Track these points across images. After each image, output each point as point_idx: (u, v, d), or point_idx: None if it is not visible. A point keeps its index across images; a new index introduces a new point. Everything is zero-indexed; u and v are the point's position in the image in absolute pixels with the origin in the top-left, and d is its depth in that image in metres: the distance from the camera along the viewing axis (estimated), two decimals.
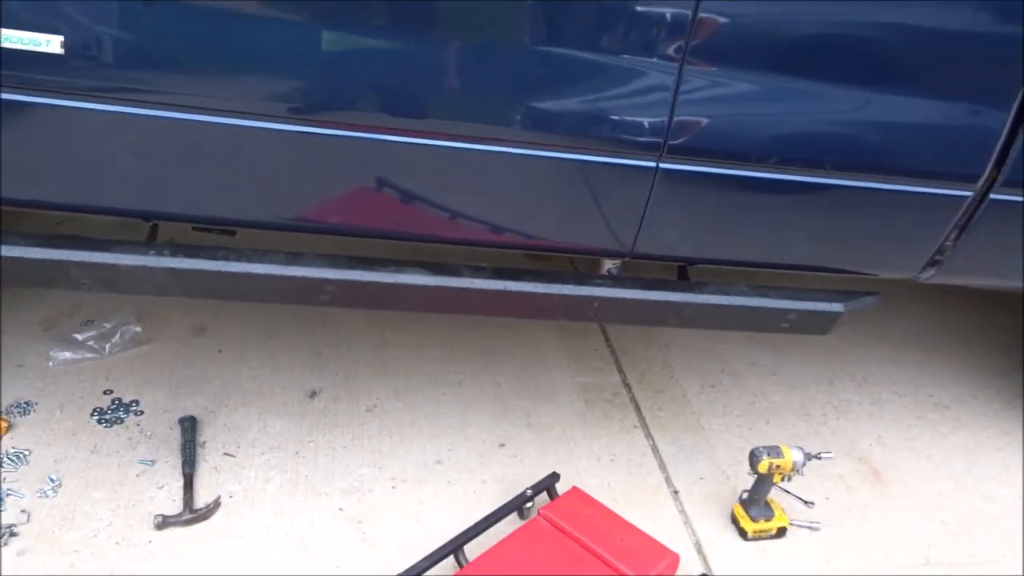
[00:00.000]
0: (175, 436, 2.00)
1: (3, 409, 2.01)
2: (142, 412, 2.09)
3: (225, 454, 1.99)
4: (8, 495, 1.79)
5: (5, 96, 1.35)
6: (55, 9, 1.30)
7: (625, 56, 1.47)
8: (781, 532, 1.94)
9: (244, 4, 1.36)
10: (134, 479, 1.88)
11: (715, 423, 2.34)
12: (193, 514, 1.78)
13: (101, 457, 1.93)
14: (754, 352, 2.72)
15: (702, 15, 1.43)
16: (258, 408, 2.15)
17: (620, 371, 2.53)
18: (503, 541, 1.74)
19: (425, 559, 1.67)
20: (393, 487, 1.97)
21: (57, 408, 2.06)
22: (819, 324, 1.81)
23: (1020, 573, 1.95)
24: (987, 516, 2.12)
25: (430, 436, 2.14)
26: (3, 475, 1.84)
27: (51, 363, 2.20)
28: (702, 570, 1.82)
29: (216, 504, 1.82)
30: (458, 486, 1.99)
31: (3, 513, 1.74)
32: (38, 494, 1.81)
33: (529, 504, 1.88)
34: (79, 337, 2.28)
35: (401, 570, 1.65)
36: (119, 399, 2.11)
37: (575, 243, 1.70)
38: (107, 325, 2.32)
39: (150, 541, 1.72)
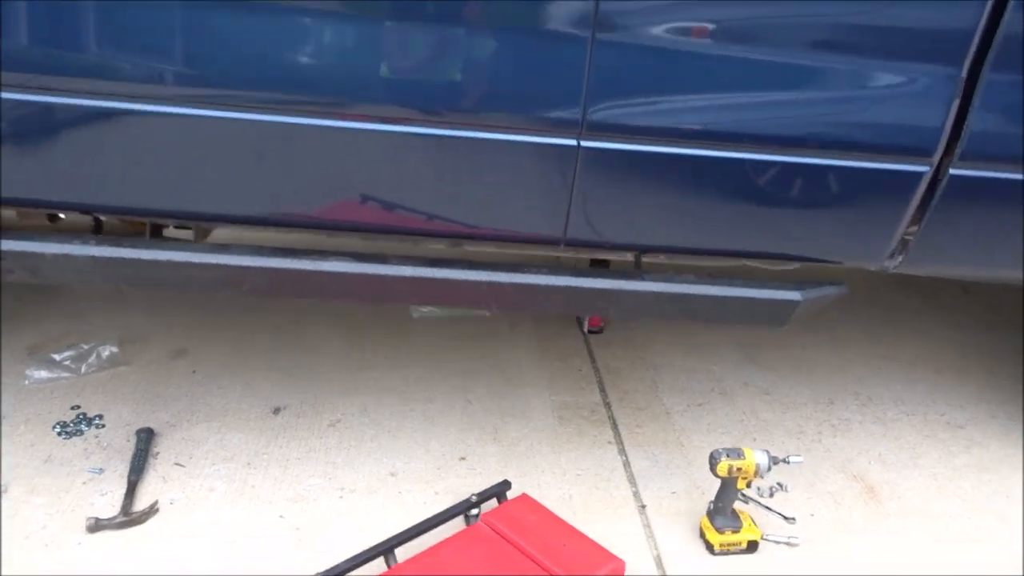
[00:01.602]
0: (131, 448, 1.99)
1: None
2: (104, 425, 2.09)
3: (176, 464, 1.97)
4: None
5: None
6: None
7: (536, 27, 1.45)
8: (752, 547, 1.79)
9: None
10: (80, 486, 1.87)
11: (697, 440, 2.21)
12: (127, 517, 1.75)
13: (52, 466, 1.93)
14: (750, 372, 2.58)
15: None
16: (219, 423, 2.13)
17: (602, 390, 2.43)
18: (437, 545, 1.65)
19: (349, 559, 1.59)
20: (341, 497, 1.90)
21: (22, 422, 2.08)
22: (775, 313, 1.70)
23: None
24: (998, 537, 1.91)
25: (389, 449, 2.08)
26: None
27: (27, 381, 2.24)
28: None
29: (153, 509, 1.79)
30: (409, 497, 1.91)
31: None
32: None
33: (475, 511, 1.79)
34: (56, 357, 2.32)
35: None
36: (84, 414, 2.12)
37: (505, 230, 1.65)
38: (85, 346, 2.36)
39: (79, 543, 1.69)
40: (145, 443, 1.98)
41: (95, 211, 1.67)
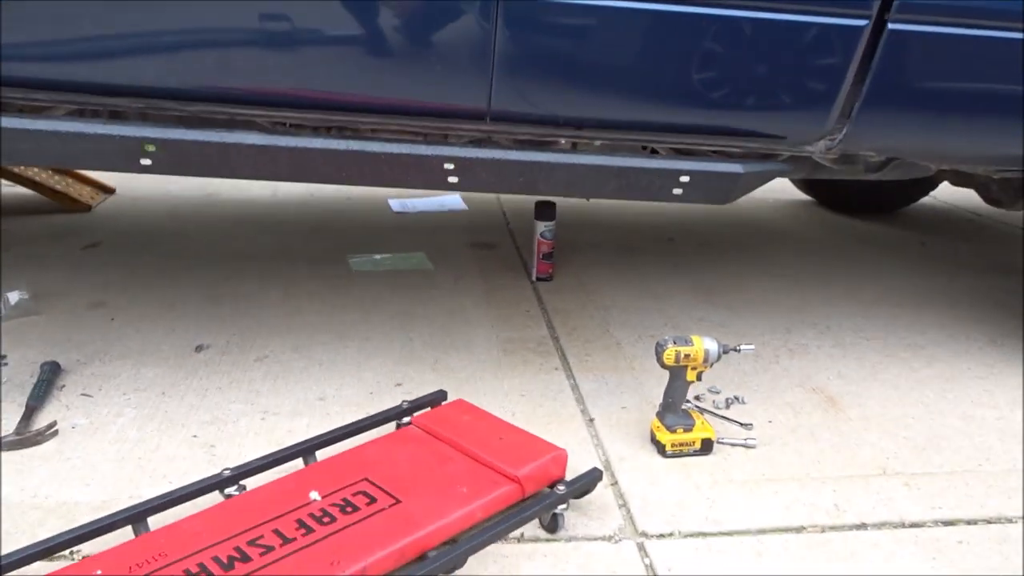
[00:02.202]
0: (33, 381, 1.82)
1: None
2: (6, 364, 1.92)
3: (82, 394, 1.81)
4: None
5: None
6: None
7: None
8: (707, 447, 1.67)
9: None
10: None
11: (648, 365, 2.09)
12: (19, 436, 1.58)
13: None
14: (704, 309, 2.48)
15: None
16: (135, 361, 1.98)
17: (550, 326, 2.31)
18: (361, 445, 1.50)
19: (262, 457, 1.44)
20: (262, 419, 1.75)
21: None
22: (717, 188, 1.61)
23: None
24: (962, 433, 1.81)
25: (319, 379, 1.94)
26: None
27: None
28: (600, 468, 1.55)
29: (51, 431, 1.63)
30: (338, 418, 1.76)
31: None
32: None
33: (407, 420, 1.64)
34: None
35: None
36: None
37: (423, 102, 1.54)
38: None
39: None
40: (49, 374, 1.82)
41: None
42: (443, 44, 1.48)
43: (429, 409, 1.66)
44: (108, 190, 3.43)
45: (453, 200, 3.57)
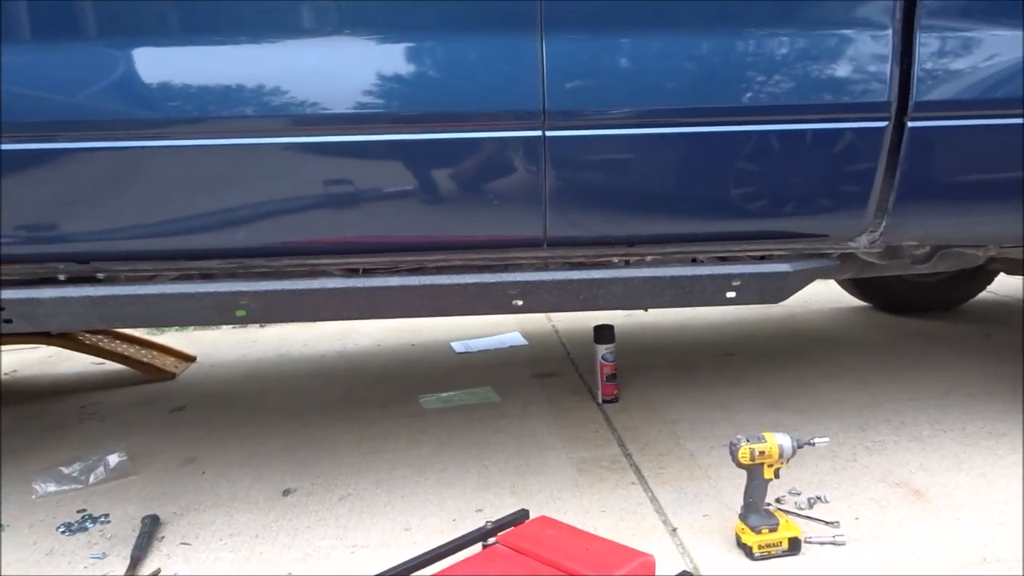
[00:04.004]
0: (135, 536, 1.92)
1: None
2: (109, 522, 2.03)
3: (181, 543, 1.89)
4: None
5: None
6: None
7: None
8: (794, 546, 1.65)
9: None
10: (80, 571, 1.79)
11: (724, 472, 2.10)
12: None
13: (54, 557, 1.87)
14: (774, 416, 2.49)
15: None
16: (227, 508, 2.06)
17: (621, 444, 2.34)
18: (452, 566, 1.54)
19: None
20: (352, 552, 1.80)
21: (26, 527, 2.03)
22: (768, 288, 1.69)
23: None
24: None
25: (402, 510, 1.99)
26: None
27: (34, 496, 2.20)
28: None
29: None
30: (424, 546, 1.79)
31: None
32: None
33: (492, 539, 1.68)
34: (64, 470, 2.29)
35: None
36: (90, 515, 2.07)
37: (484, 236, 1.69)
38: (93, 457, 2.33)
39: None
40: (150, 527, 1.92)
41: None
42: (500, 186, 1.64)
43: (512, 528, 1.69)
44: (189, 358, 3.64)
45: (512, 337, 3.69)
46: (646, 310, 2.22)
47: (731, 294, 1.70)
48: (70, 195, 1.59)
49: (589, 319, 3.65)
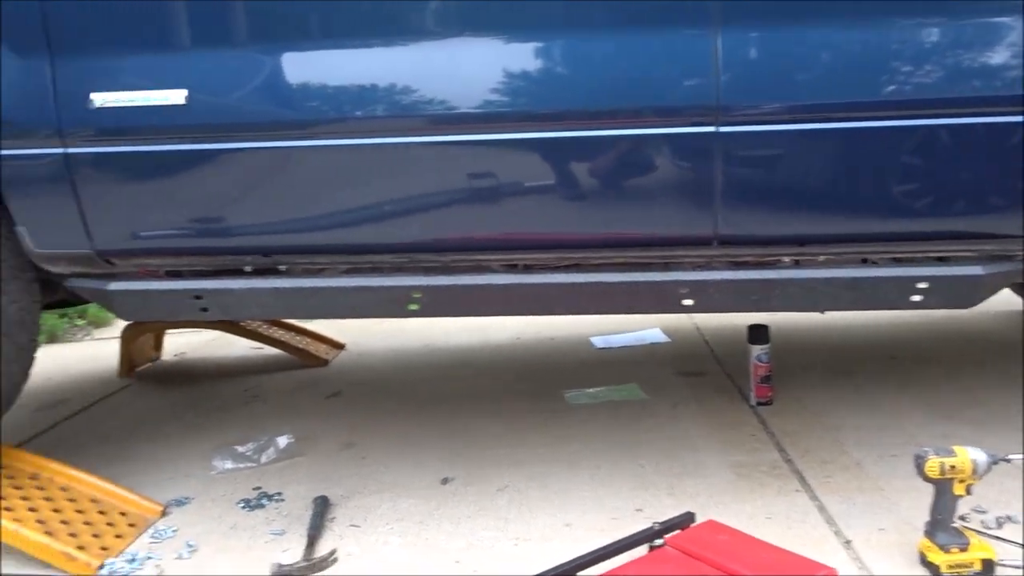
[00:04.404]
0: (309, 515, 2.02)
1: (164, 502, 2.15)
2: (283, 500, 2.15)
3: (351, 525, 1.98)
4: (149, 558, 1.87)
5: None
6: None
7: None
8: (988, 569, 1.55)
9: None
10: (262, 545, 1.91)
11: (898, 484, 1.99)
12: (308, 563, 1.75)
13: (238, 531, 1.99)
14: (947, 426, 2.34)
15: None
16: (391, 493, 2.14)
17: (780, 449, 2.27)
18: (621, 566, 1.54)
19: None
20: (515, 544, 1.83)
21: (210, 501, 2.18)
22: (959, 293, 1.58)
23: None
24: None
25: (560, 506, 2.00)
26: (149, 545, 1.93)
27: (213, 472, 2.36)
28: None
29: (333, 558, 1.79)
30: (586, 543, 1.80)
31: (140, 569, 1.82)
32: (175, 556, 1.88)
33: (659, 541, 1.66)
34: (239, 449, 2.44)
35: None
36: (265, 492, 2.20)
37: (654, 233, 1.67)
38: (264, 438, 2.48)
39: None
40: (321, 507, 2.02)
41: None
42: (671, 182, 1.61)
43: (679, 531, 1.67)
44: (339, 346, 3.80)
45: (654, 333, 3.64)
46: (822, 313, 2.12)
47: (916, 297, 1.60)
48: (257, 191, 1.68)
49: (731, 317, 3.55)
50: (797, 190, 1.62)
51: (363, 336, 3.97)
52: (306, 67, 1.69)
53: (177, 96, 1.65)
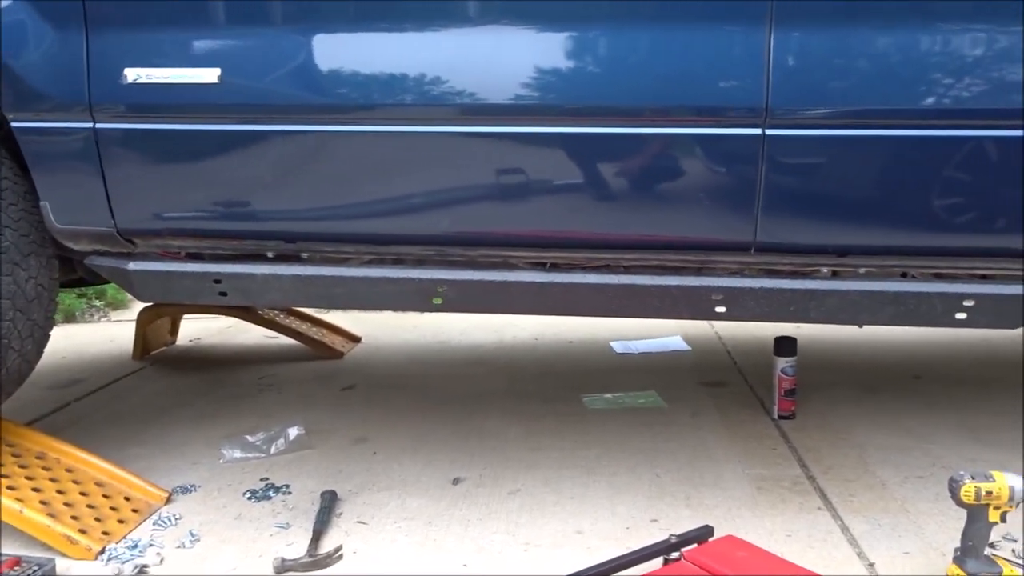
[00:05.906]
0: (315, 509, 1.98)
1: (170, 489, 2.12)
2: (290, 492, 2.11)
3: (358, 522, 1.93)
4: (151, 545, 1.83)
5: None
6: None
7: None
8: None
9: None
10: (267, 538, 1.87)
11: (924, 507, 1.92)
12: (312, 559, 1.71)
13: (242, 522, 1.95)
14: (975, 449, 2.27)
15: None
16: (400, 491, 2.10)
17: (802, 464, 2.20)
18: None
19: None
20: (525, 550, 1.78)
21: (216, 490, 2.14)
22: (1007, 313, 1.51)
23: None
24: None
25: (573, 512, 1.95)
26: (152, 532, 1.90)
27: (221, 460, 2.33)
28: None
29: (338, 554, 1.75)
30: (599, 553, 1.75)
31: (142, 556, 1.78)
32: (177, 545, 1.84)
33: (675, 554, 1.60)
34: (249, 438, 2.41)
35: None
36: (272, 484, 2.16)
37: (691, 237, 1.61)
38: (274, 428, 2.44)
39: None
40: (329, 502, 1.97)
41: None
42: (711, 185, 1.55)
43: (697, 545, 1.61)
44: (355, 339, 3.77)
45: (675, 341, 3.57)
46: (860, 327, 2.05)
47: (961, 315, 1.54)
48: (287, 175, 1.64)
49: (752, 328, 3.49)
50: (842, 198, 1.55)
51: (379, 329, 3.93)
52: (341, 50, 1.65)
53: (210, 75, 1.61)
